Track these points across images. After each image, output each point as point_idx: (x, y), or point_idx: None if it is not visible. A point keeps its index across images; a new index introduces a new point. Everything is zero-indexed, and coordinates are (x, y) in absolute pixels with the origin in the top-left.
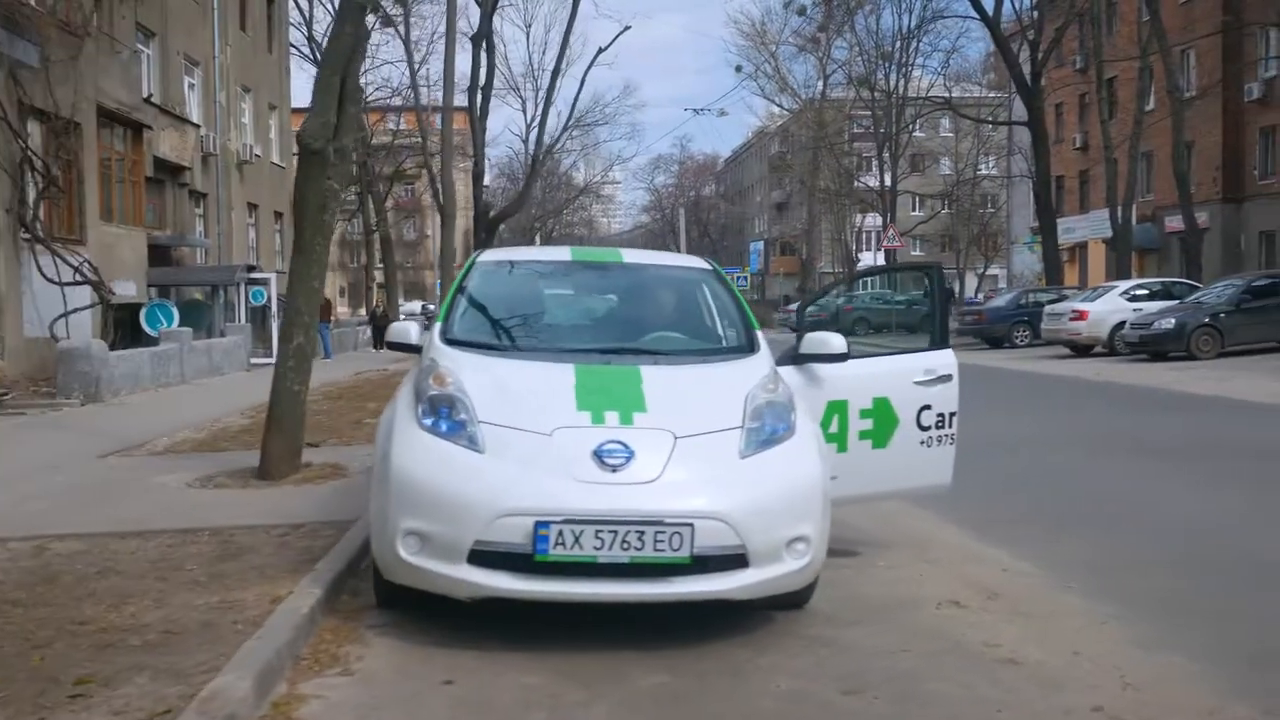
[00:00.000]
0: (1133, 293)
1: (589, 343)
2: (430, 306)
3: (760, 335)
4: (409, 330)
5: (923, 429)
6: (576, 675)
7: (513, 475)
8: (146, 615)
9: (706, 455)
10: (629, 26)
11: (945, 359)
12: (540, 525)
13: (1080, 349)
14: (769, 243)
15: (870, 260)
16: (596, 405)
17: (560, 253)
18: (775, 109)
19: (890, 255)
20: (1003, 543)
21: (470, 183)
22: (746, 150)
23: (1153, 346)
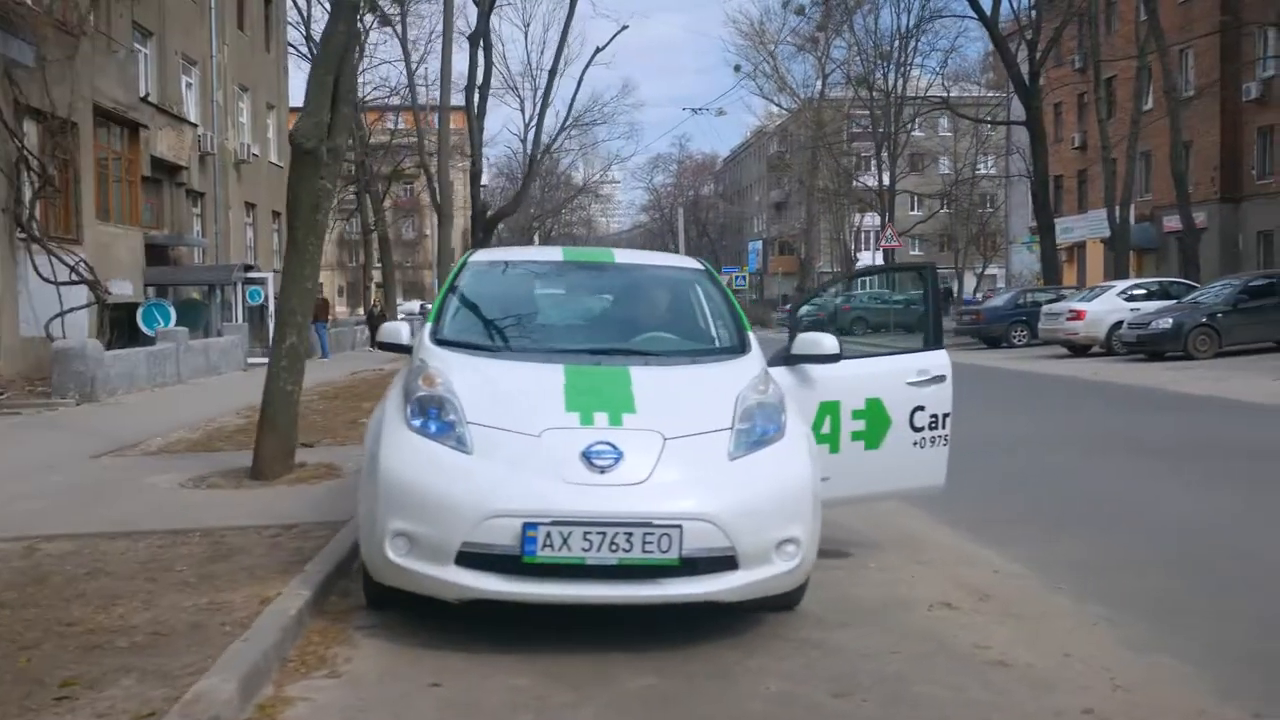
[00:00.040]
0: (1130, 292)
1: (580, 343)
2: (428, 306)
3: (752, 336)
4: (400, 330)
5: (916, 430)
6: (564, 677)
7: (501, 476)
8: (135, 616)
9: (695, 456)
10: (626, 26)
11: (939, 360)
12: (528, 526)
13: (1078, 349)
14: (768, 242)
15: (869, 260)
16: (586, 406)
17: (552, 253)
18: (774, 108)
19: (889, 255)
20: (996, 544)
21: (468, 182)
22: (745, 150)
23: (1150, 346)
